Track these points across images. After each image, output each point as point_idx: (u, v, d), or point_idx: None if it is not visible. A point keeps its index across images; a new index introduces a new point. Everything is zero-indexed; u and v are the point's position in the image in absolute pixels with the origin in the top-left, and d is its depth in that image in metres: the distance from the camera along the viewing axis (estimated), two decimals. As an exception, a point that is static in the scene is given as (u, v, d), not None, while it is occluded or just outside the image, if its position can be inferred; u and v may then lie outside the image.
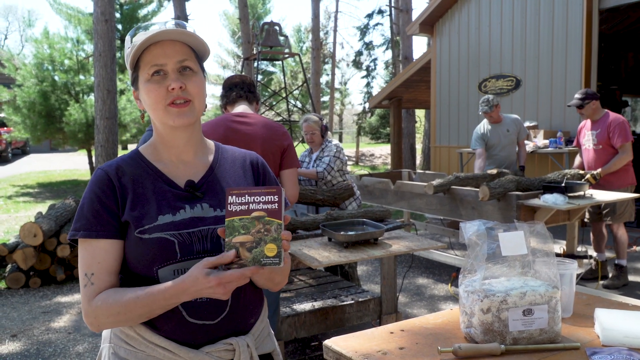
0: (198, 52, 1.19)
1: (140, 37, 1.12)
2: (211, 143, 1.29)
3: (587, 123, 4.65)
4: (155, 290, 1.04)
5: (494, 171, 4.46)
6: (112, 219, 1.12)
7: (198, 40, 1.15)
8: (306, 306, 3.19)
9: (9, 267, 5.12)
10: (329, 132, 4.29)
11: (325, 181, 4.08)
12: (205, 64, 1.26)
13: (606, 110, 4.58)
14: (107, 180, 1.14)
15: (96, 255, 1.10)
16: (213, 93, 29.46)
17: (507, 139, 5.15)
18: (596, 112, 4.54)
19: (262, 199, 1.03)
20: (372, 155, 22.65)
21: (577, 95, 4.58)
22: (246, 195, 1.03)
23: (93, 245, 1.11)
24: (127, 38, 1.17)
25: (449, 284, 4.81)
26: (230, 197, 1.03)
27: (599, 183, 4.43)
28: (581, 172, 4.44)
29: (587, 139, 4.61)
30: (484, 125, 5.22)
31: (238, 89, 2.67)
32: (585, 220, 4.69)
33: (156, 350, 1.11)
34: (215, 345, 1.13)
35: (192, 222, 1.13)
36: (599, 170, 4.41)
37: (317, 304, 3.22)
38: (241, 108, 2.62)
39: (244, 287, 1.18)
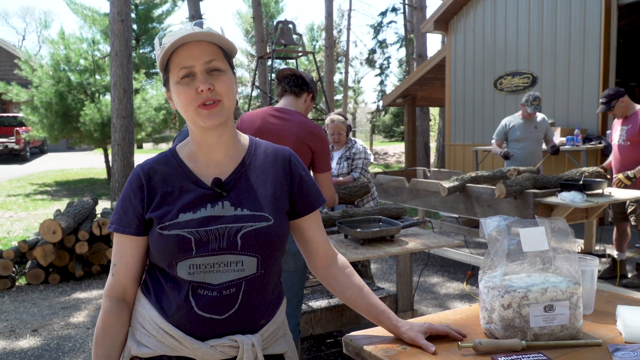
0: (226, 50, 1.19)
1: (168, 39, 1.13)
2: (246, 139, 1.29)
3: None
4: None
5: (512, 170, 4.39)
6: (136, 217, 1.19)
7: (223, 40, 1.16)
8: (322, 303, 3.20)
9: (29, 263, 5.21)
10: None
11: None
12: None
13: (639, 106, 4.37)
14: (138, 179, 1.21)
15: (120, 249, 1.22)
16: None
17: (535, 136, 5.18)
18: (628, 108, 4.35)
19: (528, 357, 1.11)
20: (385, 153, 22.58)
21: (601, 100, 4.41)
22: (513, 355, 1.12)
23: (119, 239, 1.21)
24: (156, 40, 1.19)
25: (465, 282, 4.79)
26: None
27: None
28: (600, 170, 4.34)
29: (617, 134, 4.44)
30: (512, 120, 5.22)
31: (285, 82, 2.62)
32: (610, 220, 4.59)
33: (165, 337, 1.14)
34: (220, 340, 1.14)
35: (209, 220, 1.15)
36: (636, 169, 4.19)
37: (333, 301, 3.22)
38: (283, 102, 2.60)
39: (258, 288, 1.18)
